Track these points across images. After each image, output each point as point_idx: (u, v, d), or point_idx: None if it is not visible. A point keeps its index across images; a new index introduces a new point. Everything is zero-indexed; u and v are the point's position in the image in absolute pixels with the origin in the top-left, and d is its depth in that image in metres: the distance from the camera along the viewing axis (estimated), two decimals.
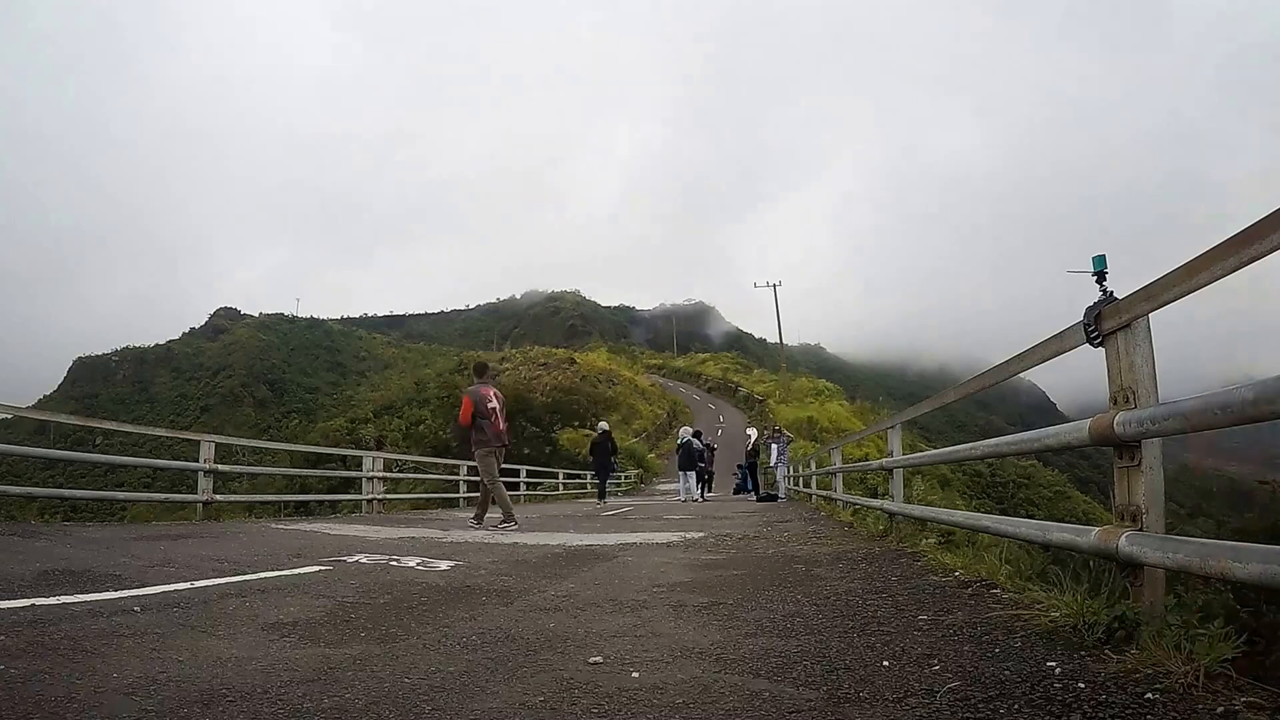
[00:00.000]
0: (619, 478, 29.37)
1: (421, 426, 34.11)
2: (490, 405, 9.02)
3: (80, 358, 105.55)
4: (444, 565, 5.03)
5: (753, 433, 23.06)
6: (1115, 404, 2.69)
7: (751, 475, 21.49)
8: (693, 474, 19.00)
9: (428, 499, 15.43)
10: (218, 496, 9.25)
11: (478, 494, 15.93)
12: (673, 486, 24.56)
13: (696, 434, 20.83)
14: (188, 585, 3.89)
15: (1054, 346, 3.29)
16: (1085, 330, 2.86)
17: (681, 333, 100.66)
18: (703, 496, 19.71)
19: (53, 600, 3.30)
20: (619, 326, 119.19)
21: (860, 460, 13.78)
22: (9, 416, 11.85)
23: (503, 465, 9.48)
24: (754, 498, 19.51)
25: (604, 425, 19.50)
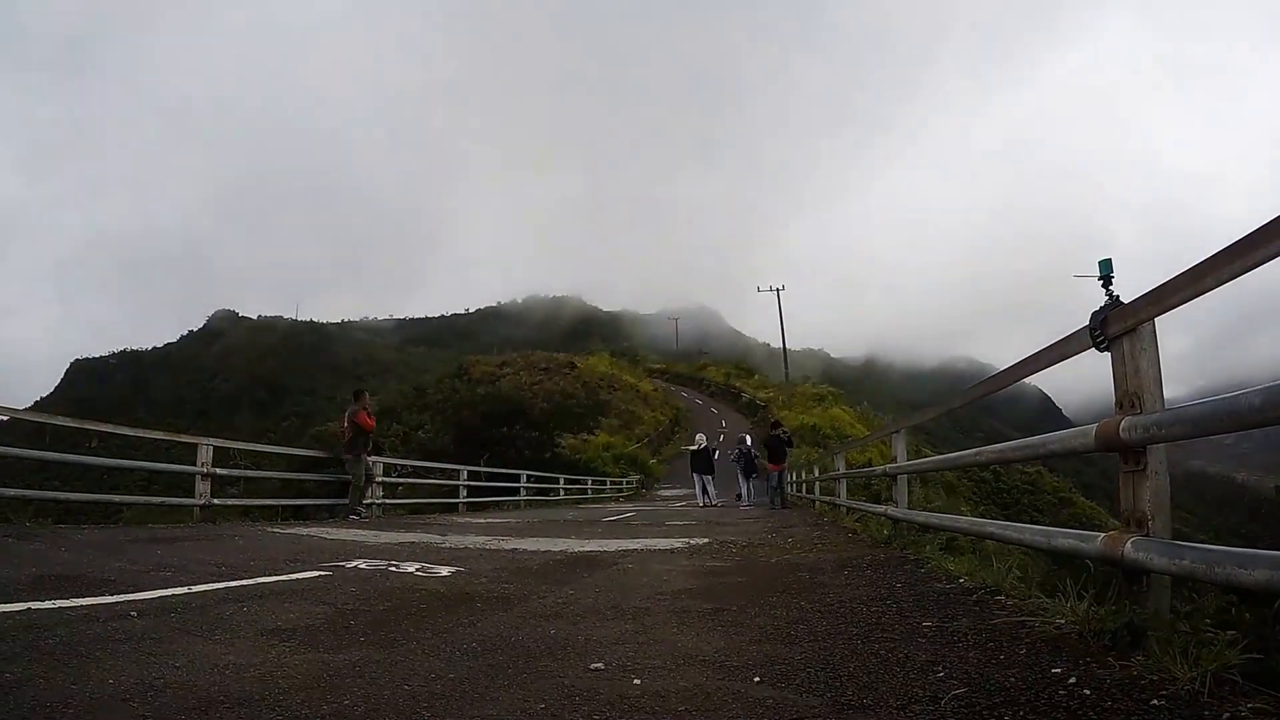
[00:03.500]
0: (620, 483, 29.41)
1: (420, 432, 33.93)
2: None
3: (77, 360, 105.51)
4: (444, 571, 5.01)
5: (748, 437, 22.97)
6: (1121, 409, 2.67)
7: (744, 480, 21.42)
8: (709, 477, 19.06)
9: (427, 504, 15.36)
10: (215, 500, 9.22)
11: (475, 499, 15.96)
12: (673, 493, 24.58)
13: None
14: (185, 590, 3.87)
15: (1059, 351, 3.28)
16: (1091, 335, 2.85)
17: (684, 337, 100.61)
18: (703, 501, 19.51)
19: (48, 604, 3.28)
20: (621, 331, 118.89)
21: (864, 466, 13.75)
22: (5, 419, 11.82)
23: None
24: (746, 504, 19.51)
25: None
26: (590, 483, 26.84)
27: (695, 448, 20.02)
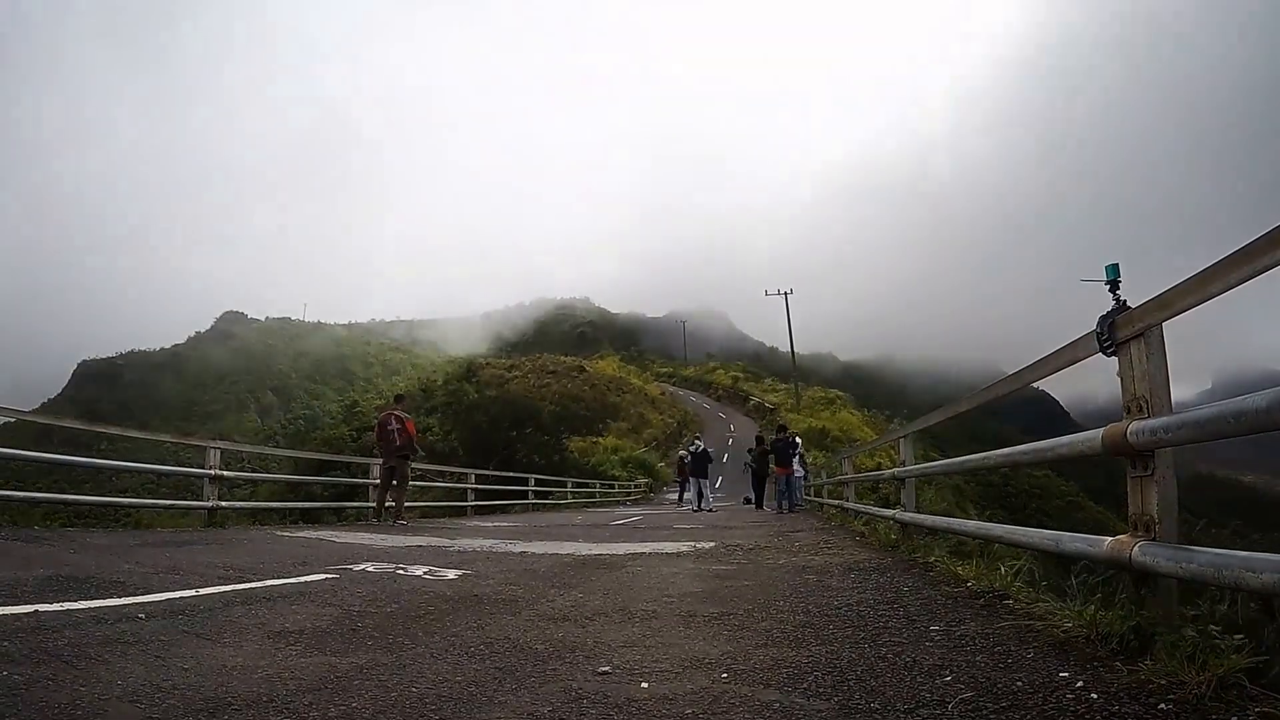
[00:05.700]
0: (628, 487, 29.44)
1: (428, 434, 34.08)
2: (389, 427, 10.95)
3: (85, 361, 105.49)
4: (451, 574, 5.01)
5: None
6: (1128, 413, 2.66)
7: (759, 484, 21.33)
8: (705, 480, 18.90)
9: (435, 507, 15.41)
10: (223, 503, 9.25)
11: (483, 502, 15.97)
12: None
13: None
14: (193, 592, 3.88)
15: (1067, 355, 3.28)
16: (1098, 339, 2.84)
17: (692, 341, 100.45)
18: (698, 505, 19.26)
19: (56, 606, 3.29)
20: (629, 334, 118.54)
21: (872, 470, 13.72)
22: (12, 420, 11.92)
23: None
24: (750, 507, 19.42)
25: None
26: (598, 486, 26.86)
27: (693, 450, 19.92)
